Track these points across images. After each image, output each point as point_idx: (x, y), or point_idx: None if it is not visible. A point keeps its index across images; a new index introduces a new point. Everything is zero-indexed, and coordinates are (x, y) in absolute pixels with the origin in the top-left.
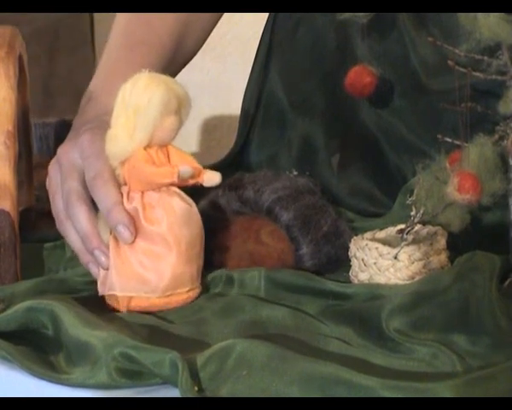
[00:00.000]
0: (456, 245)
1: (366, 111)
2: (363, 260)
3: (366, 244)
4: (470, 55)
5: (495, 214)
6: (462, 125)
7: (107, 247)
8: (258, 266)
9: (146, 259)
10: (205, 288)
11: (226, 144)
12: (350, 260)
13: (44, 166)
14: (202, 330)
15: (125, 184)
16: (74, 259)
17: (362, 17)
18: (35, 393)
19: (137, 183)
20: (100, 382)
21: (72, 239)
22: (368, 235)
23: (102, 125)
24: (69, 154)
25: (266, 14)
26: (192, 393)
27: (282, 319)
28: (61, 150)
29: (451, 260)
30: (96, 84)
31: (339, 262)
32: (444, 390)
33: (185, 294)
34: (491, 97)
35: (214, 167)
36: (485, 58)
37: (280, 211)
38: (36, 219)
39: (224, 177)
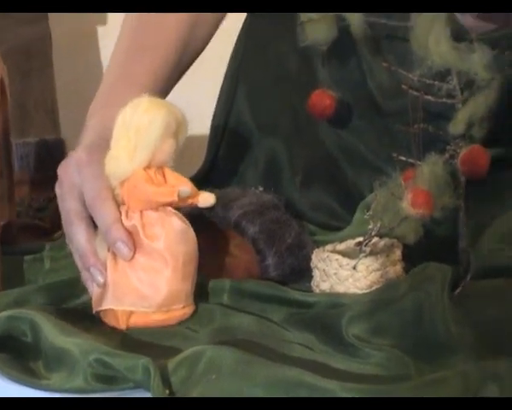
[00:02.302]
0: (410, 256)
1: (327, 131)
2: (324, 270)
3: (327, 256)
4: (422, 79)
5: (446, 228)
6: (416, 144)
7: (104, 264)
8: (226, 277)
9: (144, 274)
10: None
11: (197, 162)
12: (312, 271)
13: (25, 182)
14: (173, 337)
15: (124, 203)
16: (53, 271)
17: (322, 44)
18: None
19: (137, 202)
20: (77, 387)
21: (76, 257)
22: (329, 247)
23: (101, 143)
24: (68, 172)
25: (235, 37)
26: (163, 396)
27: (248, 326)
28: (61, 168)
29: (406, 270)
30: (98, 98)
31: (302, 273)
32: (398, 393)
33: (181, 310)
34: (441, 119)
35: None
36: (436, 83)
37: (246, 225)
38: (17, 233)
39: None
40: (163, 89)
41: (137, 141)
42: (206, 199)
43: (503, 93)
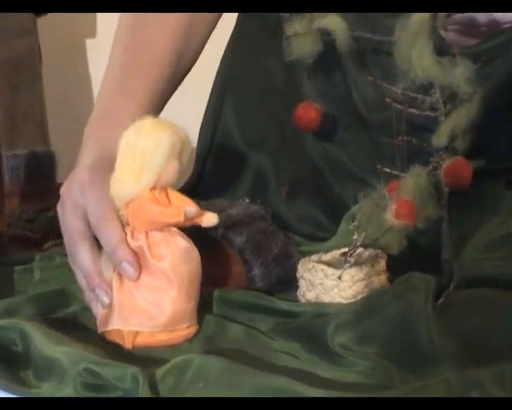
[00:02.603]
0: (394, 266)
1: (312, 144)
2: (310, 280)
3: (313, 266)
4: (406, 93)
5: (429, 238)
6: (400, 156)
7: (109, 285)
8: (213, 287)
9: (150, 294)
10: None
11: (185, 174)
12: (298, 281)
13: (15, 194)
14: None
15: (128, 224)
16: (43, 281)
17: (308, 58)
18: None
19: (143, 223)
20: (66, 395)
21: (79, 277)
22: (314, 257)
23: (102, 163)
24: (71, 193)
25: (222, 51)
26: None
27: (235, 335)
28: (63, 190)
29: (391, 280)
30: (95, 117)
31: (288, 283)
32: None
33: (186, 330)
34: (425, 131)
35: None
36: (420, 96)
37: (234, 236)
38: (7, 243)
39: None
40: (159, 104)
41: (143, 163)
42: (209, 219)
43: (484, 106)
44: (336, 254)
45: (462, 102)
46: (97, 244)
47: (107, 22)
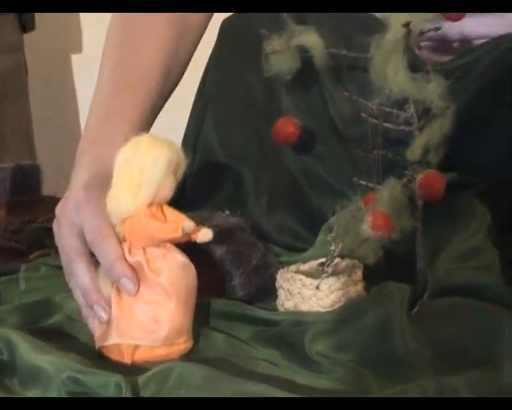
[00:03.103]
0: (370, 276)
1: (291, 157)
2: (288, 290)
3: (291, 276)
4: (381, 108)
5: (404, 248)
6: (375, 169)
7: (107, 301)
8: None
9: (149, 309)
10: None
11: None
12: (277, 291)
13: (1, 206)
14: None
15: (125, 240)
16: (28, 291)
17: (286, 74)
18: None
19: (140, 239)
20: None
21: (76, 294)
22: (293, 267)
23: (98, 180)
24: (66, 212)
25: (203, 68)
26: None
27: (217, 343)
28: (59, 208)
29: (367, 289)
30: (88, 135)
31: (267, 292)
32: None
33: (183, 344)
34: (400, 145)
35: None
36: (395, 111)
37: (214, 247)
38: None
39: None
40: (149, 119)
41: (141, 180)
42: (205, 235)
43: (457, 121)
44: (314, 264)
45: (436, 117)
46: (94, 261)
47: (93, 37)
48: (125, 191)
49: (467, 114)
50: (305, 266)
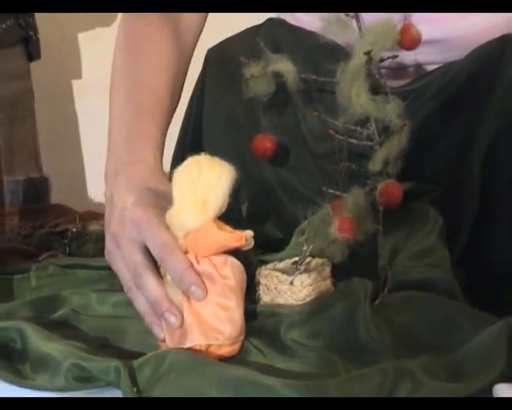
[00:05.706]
0: (338, 273)
1: (268, 169)
2: (266, 285)
3: (268, 273)
4: (346, 125)
5: (367, 249)
6: (341, 179)
7: (177, 307)
8: None
9: (219, 311)
10: None
11: None
12: (256, 286)
13: (14, 213)
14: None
15: (187, 252)
16: (38, 288)
17: (263, 96)
18: (5, 394)
19: (206, 249)
20: (57, 386)
21: (140, 304)
22: (270, 266)
23: (147, 199)
24: (125, 231)
25: (194, 81)
26: (131, 393)
27: None
28: (114, 229)
29: (335, 284)
30: (117, 157)
31: (247, 287)
32: (330, 387)
33: (240, 342)
34: (363, 158)
35: None
36: (358, 128)
37: None
38: (7, 256)
39: None
40: (164, 135)
41: (207, 196)
42: (250, 243)
43: (412, 137)
44: (288, 262)
45: (394, 134)
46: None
47: (91, 64)
48: (192, 208)
49: (420, 131)
50: (280, 265)
